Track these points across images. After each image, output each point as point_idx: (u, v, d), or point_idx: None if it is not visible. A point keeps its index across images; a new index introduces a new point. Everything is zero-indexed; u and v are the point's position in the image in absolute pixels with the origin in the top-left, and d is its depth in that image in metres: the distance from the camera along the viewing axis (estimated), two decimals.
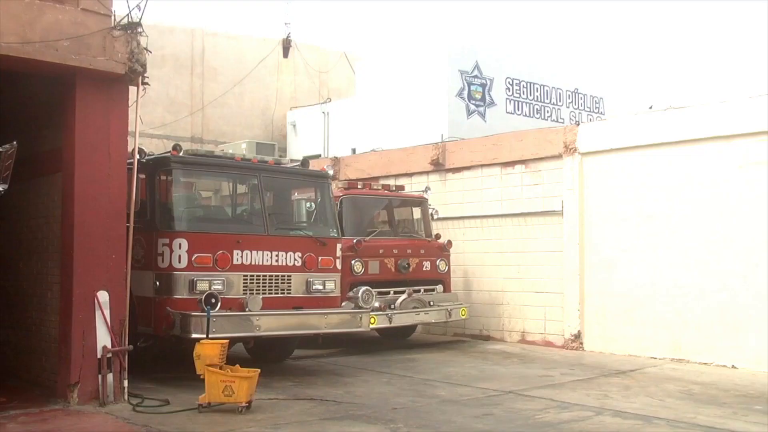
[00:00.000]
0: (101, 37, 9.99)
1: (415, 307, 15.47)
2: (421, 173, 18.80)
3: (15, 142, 9.42)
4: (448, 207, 17.81)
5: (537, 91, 25.67)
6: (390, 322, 14.88)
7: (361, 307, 13.02)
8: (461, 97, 23.58)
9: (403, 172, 19.11)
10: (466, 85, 23.72)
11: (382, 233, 16.01)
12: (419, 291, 15.66)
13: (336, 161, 20.18)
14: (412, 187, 18.18)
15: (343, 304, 13.02)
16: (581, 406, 10.19)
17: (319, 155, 24.11)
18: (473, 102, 23.89)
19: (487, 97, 24.21)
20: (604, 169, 15.54)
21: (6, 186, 9.57)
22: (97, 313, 10.05)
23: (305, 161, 13.49)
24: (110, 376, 10.03)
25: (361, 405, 10.18)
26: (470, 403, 10.42)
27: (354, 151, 22.54)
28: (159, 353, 12.43)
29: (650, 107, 15.92)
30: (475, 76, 23.96)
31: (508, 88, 24.86)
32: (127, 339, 10.30)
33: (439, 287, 16.20)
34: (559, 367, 13.38)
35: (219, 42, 27.37)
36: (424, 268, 16.04)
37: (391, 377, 12.41)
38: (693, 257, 14.04)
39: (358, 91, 26.36)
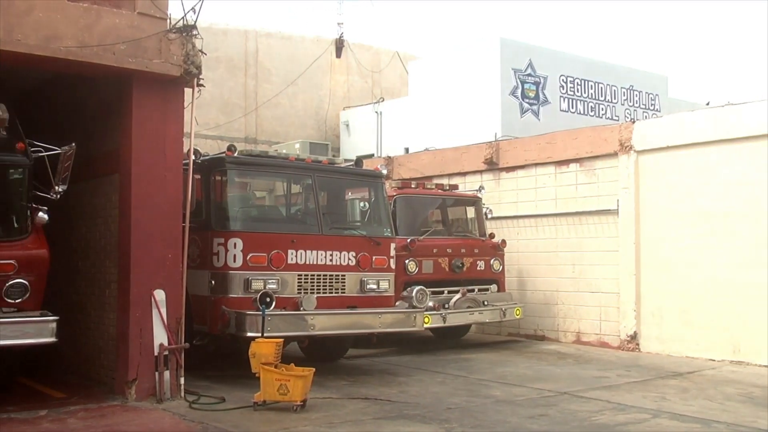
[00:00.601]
0: (157, 40, 10.13)
1: (469, 307, 15.40)
2: (474, 172, 18.73)
3: (73, 144, 9.58)
4: (501, 206, 17.71)
5: (591, 88, 25.39)
6: (444, 322, 14.84)
7: (415, 307, 13.01)
8: (515, 96, 23.42)
9: (456, 171, 19.05)
10: (519, 83, 23.55)
11: (436, 233, 15.98)
12: (473, 290, 15.59)
13: (389, 161, 20.18)
14: (466, 186, 18.12)
15: (396, 303, 13.02)
16: (638, 408, 10.06)
17: (372, 155, 24.12)
18: (527, 100, 23.72)
19: (541, 96, 24.01)
20: (661, 167, 15.33)
21: (65, 187, 9.74)
22: (154, 312, 10.20)
23: (359, 161, 13.53)
24: (167, 374, 10.16)
25: (415, 404, 10.17)
26: (525, 403, 10.35)
27: (407, 150, 22.52)
28: (214, 351, 12.55)
29: (707, 104, 15.67)
30: (529, 75, 23.79)
31: (562, 86, 24.63)
32: (183, 337, 10.43)
33: (493, 287, 16.13)
34: (614, 369, 13.23)
35: (272, 43, 27.54)
36: (478, 268, 15.97)
37: (445, 377, 12.38)
38: (751, 256, 13.77)
39: (411, 91, 26.34)
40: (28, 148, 9.50)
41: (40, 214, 9.64)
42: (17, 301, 9.48)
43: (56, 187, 9.66)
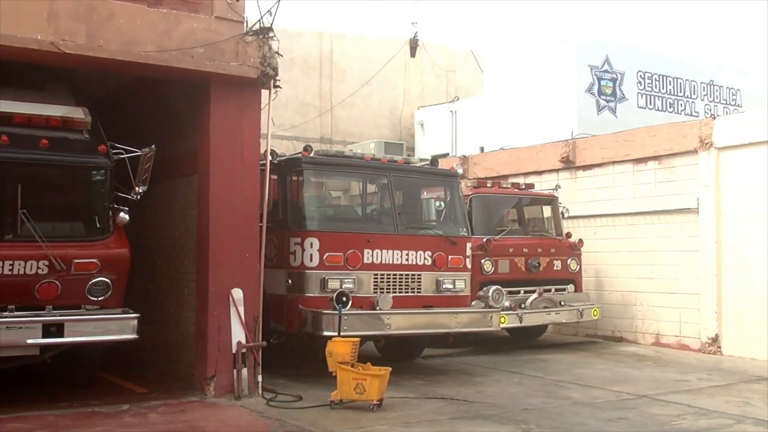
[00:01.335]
0: (234, 43, 10.27)
1: (545, 307, 15.26)
2: (550, 171, 18.53)
3: (153, 146, 9.77)
4: (578, 205, 17.48)
5: (670, 84, 24.89)
6: (520, 322, 14.73)
7: (491, 307, 12.95)
8: (591, 93, 23.10)
9: (532, 170, 18.87)
10: (596, 80, 23.22)
11: (512, 232, 15.87)
12: (550, 290, 15.45)
13: (464, 160, 20.10)
14: (542, 185, 17.94)
15: (472, 303, 12.97)
16: (720, 413, 9.82)
17: (447, 154, 24.06)
18: (603, 97, 23.37)
19: (618, 92, 23.63)
20: (743, 164, 14.94)
21: (145, 188, 9.93)
22: (232, 310, 10.34)
23: (434, 160, 13.51)
24: (245, 371, 10.30)
25: (491, 405, 10.12)
26: (603, 406, 10.20)
27: (482, 149, 22.39)
28: (291, 350, 12.67)
29: None
30: (605, 71, 23.43)
31: (640, 82, 24.20)
32: (260, 335, 10.55)
33: (570, 287, 15.94)
34: (695, 372, 12.95)
35: (347, 43, 27.68)
36: (554, 268, 15.81)
37: (521, 377, 12.28)
38: None
39: (485, 89, 26.19)
40: (109, 150, 9.71)
41: (122, 214, 9.85)
42: (100, 298, 9.72)
43: (137, 188, 9.86)
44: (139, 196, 9.91)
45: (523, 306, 14.86)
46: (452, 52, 30.01)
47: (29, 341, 9.26)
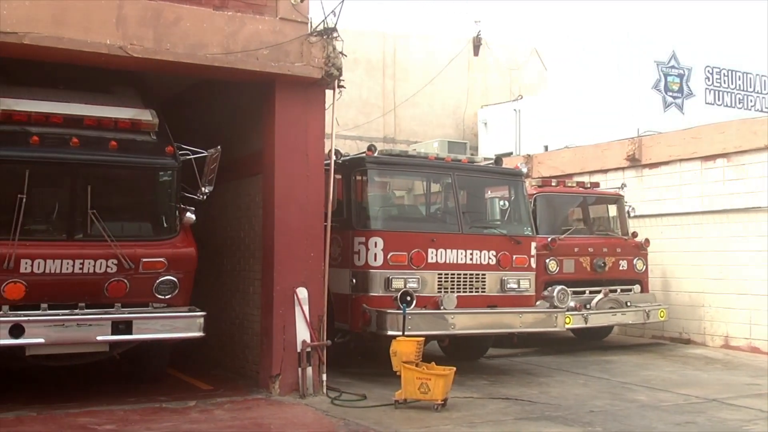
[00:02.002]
0: (298, 44, 10.33)
1: (611, 308, 15.06)
2: (616, 169, 18.28)
3: (219, 147, 9.88)
4: (644, 204, 17.21)
5: (739, 79, 24.38)
6: (586, 323, 14.58)
7: (556, 307, 12.86)
8: (657, 89, 22.76)
9: (597, 168, 18.64)
10: (662, 76, 22.87)
11: (577, 231, 15.69)
12: (615, 291, 15.24)
13: (528, 159, 19.96)
14: (607, 183, 17.70)
15: (537, 303, 12.88)
16: None
17: (511, 153, 23.91)
18: (670, 94, 23.01)
19: (685, 88, 23.24)
20: None
21: (211, 188, 10.05)
22: (297, 309, 10.41)
23: (498, 159, 13.44)
24: (309, 370, 10.36)
25: (557, 406, 10.03)
26: (671, 409, 10.03)
27: (546, 148, 22.21)
28: (354, 349, 12.71)
29: None
30: (672, 67, 23.07)
31: (708, 78, 23.76)
32: (325, 334, 10.60)
33: (636, 287, 15.69)
34: (767, 376, 12.65)
35: (410, 43, 27.66)
36: (620, 268, 15.60)
37: (587, 379, 12.14)
38: None
39: (549, 87, 25.97)
40: (176, 151, 9.84)
41: (188, 214, 9.98)
42: (167, 297, 9.88)
43: (203, 188, 9.99)
44: (205, 197, 10.04)
45: (588, 306, 14.70)
46: (516, 50, 29.80)
47: (99, 338, 9.47)
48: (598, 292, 14.97)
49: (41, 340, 9.16)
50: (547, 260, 14.56)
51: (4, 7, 8.81)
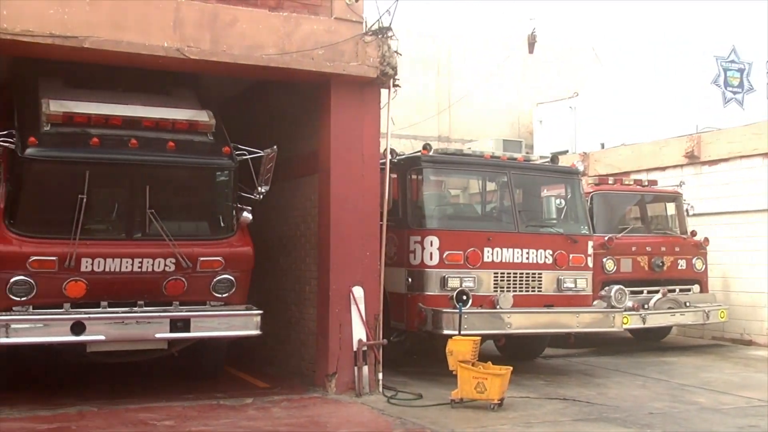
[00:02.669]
0: (353, 44, 10.35)
1: (670, 308, 14.84)
2: (674, 167, 18.02)
3: (275, 147, 9.95)
4: (704, 202, 16.92)
5: None
6: (644, 323, 14.39)
7: (613, 307, 12.71)
8: (716, 85, 22.38)
9: (655, 166, 18.39)
10: (722, 71, 22.48)
11: (635, 230, 15.50)
12: (674, 291, 15.02)
13: (585, 156, 19.77)
14: (665, 181, 17.43)
15: (594, 303, 12.75)
16: None
17: (567, 151, 23.68)
18: (730, 89, 22.60)
19: (746, 83, 22.80)
20: None
21: (267, 187, 10.11)
22: (353, 308, 10.44)
23: (554, 157, 13.35)
24: (365, 369, 10.38)
25: (614, 407, 9.91)
26: (732, 412, 9.83)
27: (603, 145, 21.96)
28: (411, 348, 12.71)
29: None
30: (732, 61, 22.65)
31: None
32: (381, 333, 10.61)
33: (695, 287, 15.45)
34: None
35: (464, 41, 27.54)
36: (679, 267, 15.37)
37: (645, 380, 11.98)
38: None
39: (605, 84, 25.67)
40: (233, 151, 9.92)
41: (245, 213, 10.06)
42: (224, 295, 9.98)
43: (259, 188, 10.06)
44: (261, 196, 10.10)
45: (646, 306, 14.51)
46: (571, 48, 29.51)
47: (157, 335, 9.62)
48: (657, 291, 14.77)
49: (101, 337, 9.34)
50: (604, 259, 14.41)
51: (65, 12, 8.99)
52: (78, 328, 9.15)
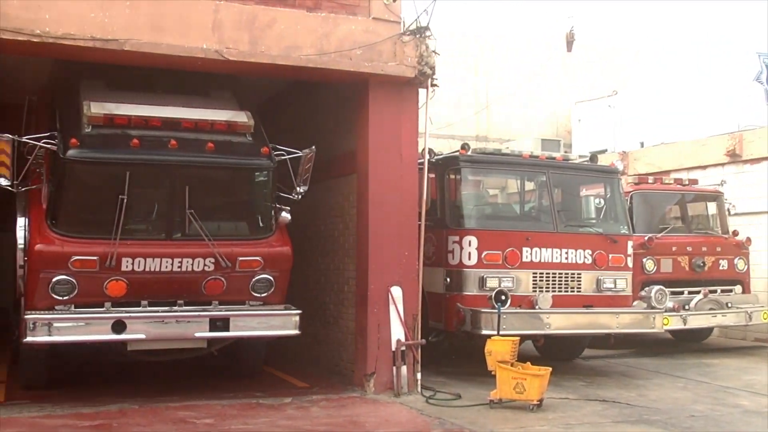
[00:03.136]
0: (391, 44, 10.35)
1: (711, 309, 14.64)
2: (715, 165, 17.82)
3: (313, 147, 9.99)
4: (745, 201, 16.68)
5: None
6: (684, 324, 14.21)
7: (653, 307, 12.60)
8: (759, 82, 22.00)
9: (695, 164, 18.20)
10: (764, 68, 22.08)
11: (675, 230, 15.31)
12: (715, 291, 14.82)
13: (624, 155, 19.62)
14: (706, 180, 17.24)
15: (634, 303, 12.65)
16: None
17: (606, 150, 23.49)
18: None
19: None
20: None
21: (306, 187, 10.16)
22: (391, 308, 10.44)
23: (593, 156, 13.25)
24: (404, 369, 10.38)
25: (655, 410, 9.81)
26: None
27: (642, 144, 21.75)
28: (449, 348, 12.69)
29: None
30: None
31: None
32: (419, 333, 10.60)
33: (737, 288, 15.24)
34: None
35: (503, 40, 27.44)
36: (720, 267, 15.17)
37: (686, 382, 11.85)
38: None
39: (645, 83, 25.44)
40: (272, 152, 9.94)
41: (284, 213, 10.10)
42: (263, 295, 10.03)
43: (298, 188, 10.11)
44: (300, 196, 10.15)
45: (687, 307, 14.34)
46: (610, 46, 29.27)
47: (197, 334, 9.70)
48: (697, 292, 14.58)
49: (142, 336, 9.44)
50: (644, 259, 14.26)
51: (106, 15, 9.09)
52: (119, 326, 9.26)
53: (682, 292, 14.54)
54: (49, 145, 9.20)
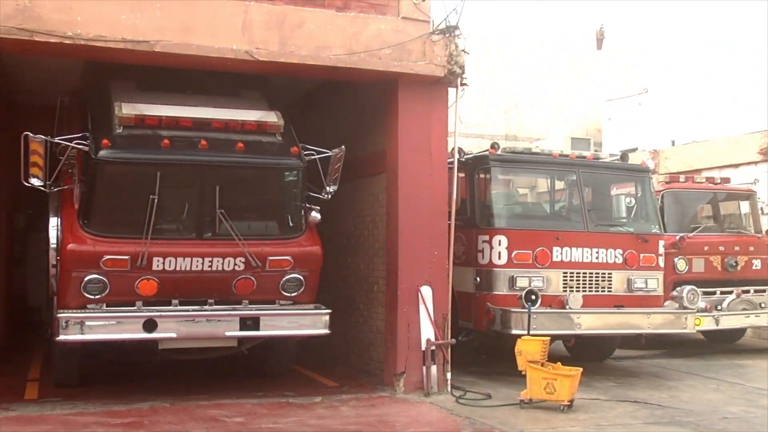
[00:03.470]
0: (421, 43, 10.34)
1: (744, 309, 14.50)
2: (748, 164, 17.67)
3: (343, 146, 10.01)
4: None
5: None
6: (717, 325, 14.08)
7: (685, 308, 12.49)
8: None
9: (727, 163, 18.04)
10: None
11: (707, 229, 15.16)
12: (748, 291, 14.65)
13: (655, 154, 19.49)
14: (739, 178, 17.08)
15: (665, 303, 12.54)
16: None
17: (636, 148, 23.34)
18: None
19: None
20: None
21: (335, 187, 10.18)
22: (421, 307, 10.42)
23: (624, 155, 13.15)
24: (434, 368, 10.36)
25: (687, 411, 9.72)
26: None
27: (673, 142, 21.58)
28: (479, 348, 12.65)
29: None
30: None
31: None
32: (449, 333, 10.58)
33: None
34: None
35: (532, 38, 27.34)
36: (753, 267, 14.98)
37: (719, 384, 11.73)
38: None
39: (676, 80, 25.20)
40: (301, 152, 9.95)
41: (313, 213, 10.11)
42: (293, 294, 10.05)
43: (327, 188, 10.13)
44: (330, 196, 10.17)
45: (719, 308, 14.20)
46: (640, 43, 29.08)
47: (227, 333, 9.75)
48: (730, 292, 14.43)
49: (173, 335, 9.50)
50: (676, 259, 14.14)
51: (137, 17, 9.16)
52: (150, 325, 9.32)
53: (714, 292, 14.40)
54: (81, 146, 9.27)
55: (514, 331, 10.79)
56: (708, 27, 24.54)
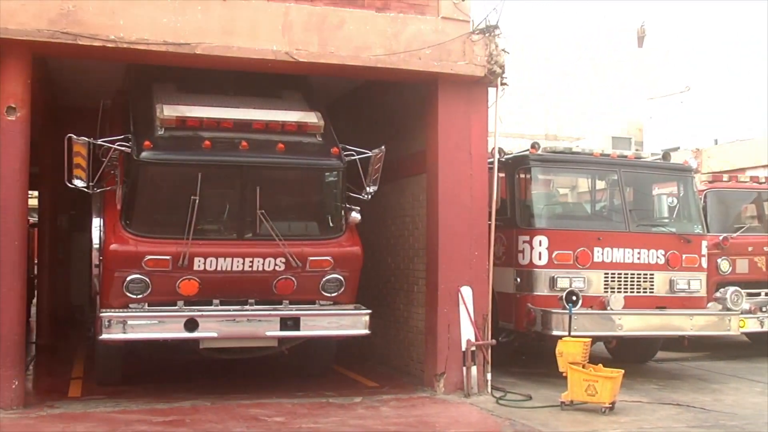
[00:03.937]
0: (460, 43, 10.31)
1: None
2: None
3: (383, 147, 10.02)
4: None
5: None
6: (761, 327, 13.86)
7: (729, 309, 12.28)
8: None
9: None
10: None
11: (751, 229, 14.93)
12: None
13: (698, 153, 19.26)
14: None
15: (708, 305, 12.37)
16: None
17: (678, 147, 23.08)
18: None
19: None
20: None
21: (375, 188, 10.19)
22: (461, 308, 10.40)
23: (666, 154, 12.99)
24: (474, 369, 10.33)
25: (731, 415, 9.57)
26: None
27: (716, 141, 21.32)
28: (519, 348, 12.59)
29: None
30: None
31: None
32: (489, 333, 10.54)
33: None
34: None
35: (570, 36, 27.18)
36: None
37: (764, 387, 11.53)
38: None
39: (719, 78, 24.91)
40: (341, 152, 9.98)
41: (353, 213, 10.12)
42: (333, 294, 10.08)
43: (367, 188, 10.15)
44: (370, 196, 10.18)
45: (764, 309, 13.98)
46: (683, 39, 28.76)
47: (268, 333, 9.80)
48: None
49: (214, 334, 9.58)
50: (719, 260, 13.94)
51: (178, 20, 9.25)
52: (191, 324, 9.40)
53: (758, 294, 14.17)
54: (123, 148, 9.38)
55: (555, 332, 10.72)
56: (752, 25, 24.17)
